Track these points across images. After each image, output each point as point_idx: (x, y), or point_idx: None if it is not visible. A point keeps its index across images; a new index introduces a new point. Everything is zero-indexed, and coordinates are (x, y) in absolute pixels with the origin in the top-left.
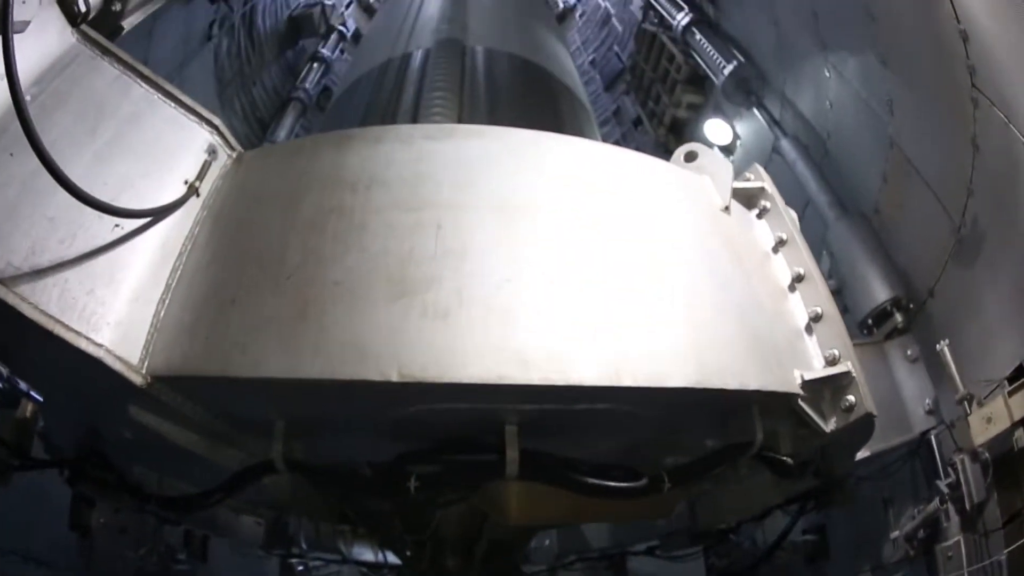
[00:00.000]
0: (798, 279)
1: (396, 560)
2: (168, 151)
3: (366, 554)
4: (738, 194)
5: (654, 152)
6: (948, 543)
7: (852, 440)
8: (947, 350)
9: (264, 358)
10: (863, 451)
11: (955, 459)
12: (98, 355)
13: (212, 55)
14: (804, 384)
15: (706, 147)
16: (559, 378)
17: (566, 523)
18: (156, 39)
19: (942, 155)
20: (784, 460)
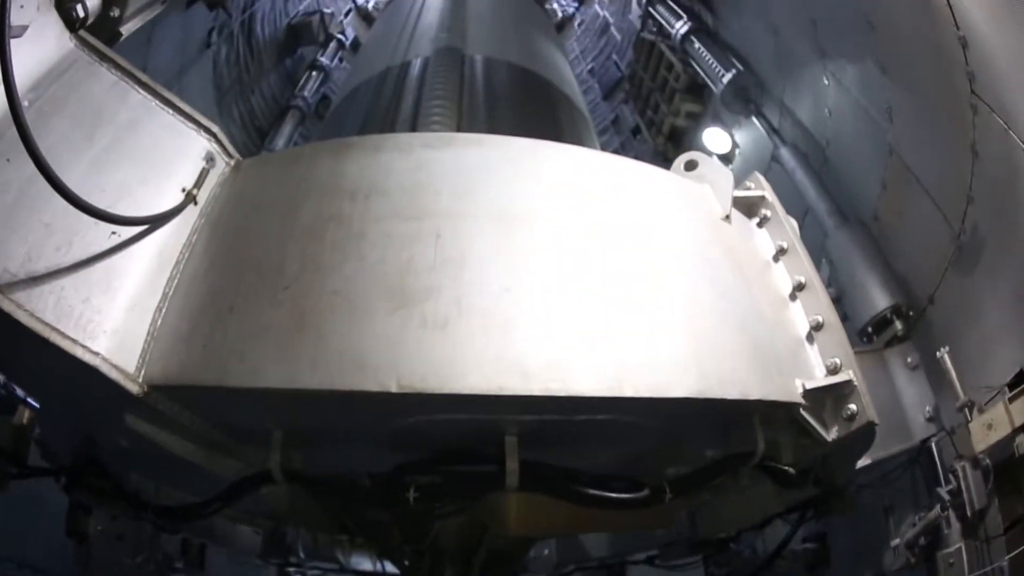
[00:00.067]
0: (799, 288)
1: (394, 569)
2: (166, 158)
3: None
4: (739, 203)
5: (653, 161)
6: (949, 550)
7: (853, 448)
8: (947, 357)
9: (262, 368)
10: (864, 459)
11: (956, 466)
12: (94, 363)
13: (211, 62)
14: (806, 393)
15: (706, 156)
16: (559, 388)
17: (566, 533)
18: (155, 45)
19: (941, 162)
20: (785, 470)
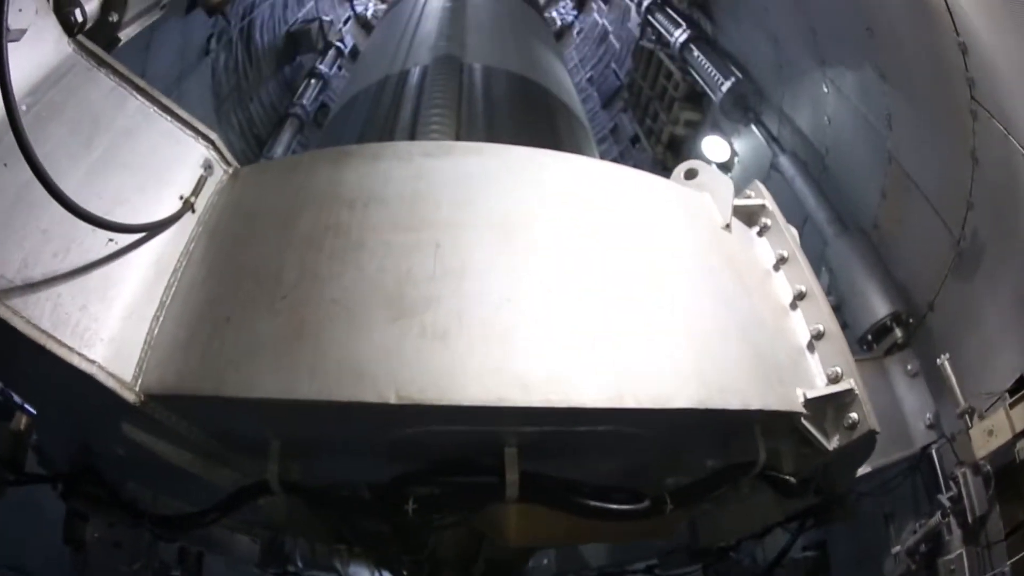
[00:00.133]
0: (799, 297)
1: None
2: (164, 165)
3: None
4: (739, 211)
5: (652, 170)
6: (951, 556)
7: (854, 457)
8: (947, 364)
9: (259, 378)
10: (864, 467)
11: (956, 472)
12: (91, 371)
13: (209, 69)
14: (807, 403)
15: (706, 164)
16: (560, 400)
17: (566, 544)
18: (153, 51)
19: (941, 169)
20: (787, 479)
